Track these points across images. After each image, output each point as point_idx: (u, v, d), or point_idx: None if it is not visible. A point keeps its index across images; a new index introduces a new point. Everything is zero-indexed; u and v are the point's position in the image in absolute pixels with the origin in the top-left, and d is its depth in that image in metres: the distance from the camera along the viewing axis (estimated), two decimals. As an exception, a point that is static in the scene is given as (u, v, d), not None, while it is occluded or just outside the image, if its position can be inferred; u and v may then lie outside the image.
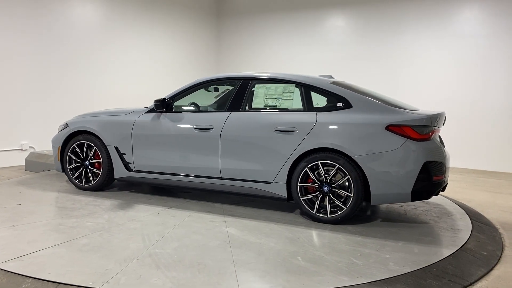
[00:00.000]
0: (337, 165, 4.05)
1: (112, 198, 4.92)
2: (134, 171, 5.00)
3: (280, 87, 4.54)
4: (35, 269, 2.95)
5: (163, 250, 3.35)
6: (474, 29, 7.98)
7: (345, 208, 4.06)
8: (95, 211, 4.41)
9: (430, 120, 4.00)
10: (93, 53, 8.11)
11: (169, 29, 9.69)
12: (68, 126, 5.35)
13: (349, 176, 4.01)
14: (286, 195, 4.32)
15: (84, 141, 5.19)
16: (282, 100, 4.49)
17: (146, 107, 5.10)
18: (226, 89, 5.15)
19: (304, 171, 4.18)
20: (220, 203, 4.84)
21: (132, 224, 4.00)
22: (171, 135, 4.78)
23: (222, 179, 4.59)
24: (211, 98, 5.24)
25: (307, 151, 4.19)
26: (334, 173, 4.10)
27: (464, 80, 8.11)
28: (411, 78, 8.60)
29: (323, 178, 4.14)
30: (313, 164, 4.15)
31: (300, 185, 4.22)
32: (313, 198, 4.20)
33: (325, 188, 4.13)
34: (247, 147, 4.43)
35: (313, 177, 4.16)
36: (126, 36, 8.71)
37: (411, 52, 8.60)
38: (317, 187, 4.17)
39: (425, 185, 3.93)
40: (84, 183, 5.24)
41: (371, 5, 8.97)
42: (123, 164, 5.03)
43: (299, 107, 4.43)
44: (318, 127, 4.17)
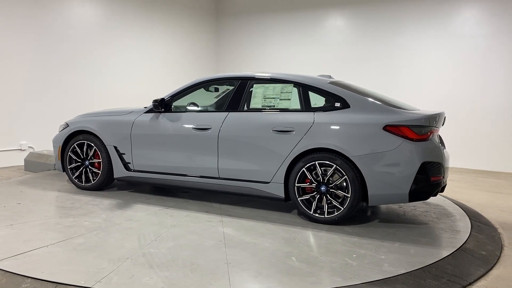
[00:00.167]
0: (334, 165, 4.03)
1: (111, 198, 4.94)
2: (133, 171, 5.01)
3: (278, 87, 4.52)
4: (29, 267, 2.97)
5: (158, 250, 3.36)
6: (474, 29, 7.95)
7: (342, 209, 4.03)
8: (93, 210, 4.43)
9: (429, 120, 3.97)
10: (93, 53, 8.13)
11: (168, 29, 9.70)
12: (68, 126, 5.38)
13: (346, 176, 3.99)
14: (284, 195, 4.31)
15: (84, 141, 5.21)
16: (280, 100, 4.48)
17: (145, 107, 5.11)
18: (227, 89, 5.15)
19: (302, 171, 4.16)
20: (219, 203, 4.84)
21: (129, 224, 4.01)
22: (170, 135, 4.78)
23: (220, 179, 4.58)
24: (211, 98, 5.24)
25: (304, 151, 4.17)
26: (332, 174, 4.08)
27: (464, 80, 8.09)
28: (411, 78, 8.57)
29: (320, 179, 4.12)
30: (310, 164, 4.13)
31: (297, 185, 4.20)
32: (310, 198, 4.18)
33: (322, 189, 4.11)
34: (245, 147, 4.43)
35: (311, 177, 4.15)
36: (125, 36, 8.73)
37: (410, 52, 8.57)
38: (315, 188, 4.15)
39: (423, 185, 3.90)
40: (84, 182, 5.27)
41: (371, 5, 8.95)
42: (122, 164, 5.04)
43: (297, 107, 4.42)
44: (315, 127, 4.15)
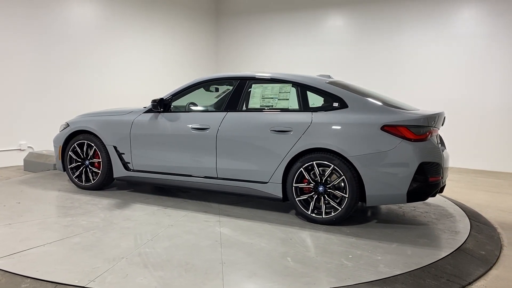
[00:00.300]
0: (332, 165, 4.01)
1: (110, 197, 4.95)
2: (132, 170, 5.03)
3: (277, 87, 4.51)
4: (24, 266, 2.98)
5: (153, 250, 3.36)
6: (473, 29, 7.93)
7: (340, 209, 4.02)
8: (91, 210, 4.44)
9: (427, 120, 3.94)
10: (93, 53, 8.14)
11: (168, 29, 9.71)
12: (69, 125, 5.40)
13: (344, 176, 3.97)
14: (282, 195, 4.30)
15: (84, 140, 5.23)
16: (279, 100, 4.47)
17: (144, 107, 5.12)
18: (227, 89, 5.15)
19: (299, 171, 4.15)
20: (217, 203, 4.84)
21: (126, 223, 4.01)
22: (168, 135, 4.79)
23: (218, 179, 4.58)
24: (210, 98, 5.24)
25: (302, 151, 4.16)
26: (330, 174, 4.06)
27: (463, 80, 8.07)
28: (411, 78, 8.55)
29: (318, 179, 4.10)
30: (308, 164, 4.12)
31: (295, 185, 4.19)
32: (308, 198, 4.17)
33: (320, 189, 4.10)
34: (243, 147, 4.42)
35: (308, 177, 4.13)
36: (125, 36, 8.74)
37: (410, 52, 8.56)
38: (312, 188, 4.13)
39: (421, 186, 3.87)
40: (84, 182, 5.29)
41: (370, 5, 8.93)
42: (122, 164, 5.06)
43: (295, 107, 4.41)
44: (313, 127, 4.14)
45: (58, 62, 7.59)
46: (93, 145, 5.18)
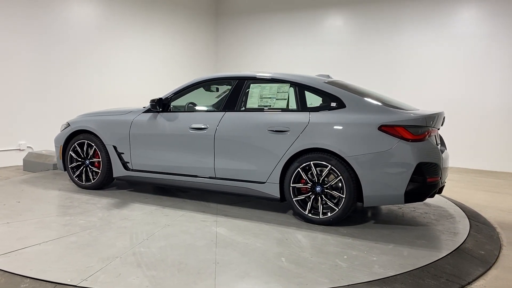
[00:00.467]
0: (329, 165, 3.99)
1: (110, 197, 4.97)
2: (131, 170, 5.04)
3: (275, 86, 4.50)
4: (18, 265, 3.00)
5: (148, 249, 3.36)
6: (473, 29, 7.90)
7: (337, 209, 3.99)
8: (90, 209, 4.46)
9: (425, 120, 3.90)
10: (92, 53, 8.14)
11: (168, 29, 9.72)
12: (69, 125, 5.43)
13: (341, 177, 3.95)
14: (279, 195, 4.28)
15: (85, 140, 5.26)
16: (277, 99, 4.46)
17: (144, 107, 5.14)
18: (228, 89, 5.15)
19: (297, 171, 4.14)
20: (216, 203, 4.83)
21: (123, 223, 4.02)
22: (167, 134, 4.80)
23: (216, 179, 4.58)
24: (209, 97, 5.24)
25: (300, 151, 4.14)
26: (327, 174, 4.04)
27: (463, 80, 8.04)
28: (411, 78, 8.51)
29: (315, 179, 4.09)
30: (305, 164, 4.10)
31: (292, 185, 4.18)
32: (306, 198, 4.15)
33: (317, 189, 4.08)
34: (240, 147, 4.42)
35: (306, 177, 4.12)
36: (124, 36, 8.75)
37: (410, 52, 8.52)
38: (310, 188, 4.12)
39: (419, 186, 3.84)
40: (84, 181, 5.32)
41: (370, 5, 8.90)
42: (121, 163, 5.08)
43: (293, 107, 4.40)
44: (310, 127, 4.12)
45: (58, 62, 7.60)
46: (93, 144, 5.21)
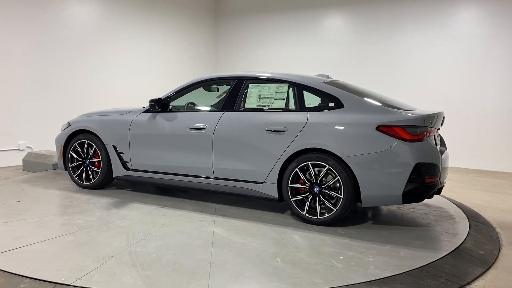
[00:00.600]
0: (327, 165, 3.97)
1: (109, 196, 4.99)
2: (131, 170, 5.05)
3: (273, 86, 4.49)
4: (14, 264, 3.02)
5: (144, 249, 3.37)
6: (473, 29, 7.87)
7: (335, 210, 3.98)
8: (89, 209, 4.48)
9: (423, 120, 3.87)
10: (91, 53, 8.14)
11: (168, 29, 9.72)
12: (70, 125, 5.46)
13: (339, 177, 3.93)
14: (277, 195, 4.27)
15: (85, 140, 5.29)
16: (275, 99, 4.45)
17: (144, 107, 5.15)
18: (228, 89, 5.15)
19: (295, 171, 4.13)
20: (215, 203, 4.83)
21: (121, 222, 4.03)
22: (166, 134, 4.80)
23: (215, 179, 4.58)
24: (208, 97, 5.25)
25: (298, 152, 4.13)
26: (325, 174, 4.03)
27: (463, 80, 8.00)
28: (410, 78, 8.48)
29: (313, 179, 4.07)
30: (303, 164, 4.09)
31: (290, 185, 4.16)
32: (304, 199, 4.14)
33: (315, 189, 4.07)
34: (239, 147, 4.41)
35: (304, 178, 4.10)
36: (124, 36, 8.75)
37: (409, 52, 8.49)
38: (308, 188, 4.10)
39: (417, 187, 3.81)
40: (84, 181, 5.34)
41: (370, 5, 8.87)
42: (121, 163, 5.09)
43: (292, 107, 4.39)
44: (308, 127, 4.11)
45: (58, 62, 7.59)
46: (93, 144, 5.23)
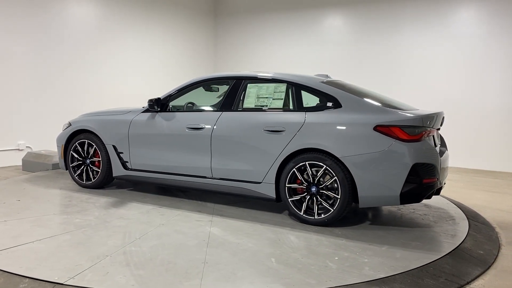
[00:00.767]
0: (324, 166, 3.95)
1: (109, 196, 5.00)
2: (130, 169, 5.07)
3: (271, 86, 4.48)
4: (9, 262, 3.04)
5: (139, 248, 3.37)
6: (472, 29, 7.82)
7: (332, 210, 3.96)
8: (87, 208, 4.50)
9: (421, 120, 3.84)
10: (91, 53, 8.15)
11: (167, 29, 9.72)
12: (71, 125, 5.49)
13: (336, 177, 3.91)
14: (275, 195, 4.26)
15: (85, 139, 5.31)
16: (273, 99, 4.44)
17: (143, 107, 5.16)
18: (227, 88, 5.14)
19: (292, 171, 4.11)
20: (213, 202, 4.83)
21: (118, 222, 4.04)
22: (165, 134, 4.81)
23: (213, 178, 4.58)
24: (208, 97, 5.24)
25: (295, 152, 4.11)
26: (322, 174, 4.01)
27: (463, 80, 7.95)
28: (410, 77, 8.43)
29: (311, 179, 4.05)
30: (301, 164, 4.07)
31: (288, 185, 4.15)
32: (301, 199, 4.12)
33: (313, 189, 4.05)
34: (237, 147, 4.41)
35: (301, 178, 4.09)
36: (123, 35, 8.76)
37: (409, 52, 8.44)
38: (305, 188, 4.09)
39: (414, 187, 3.77)
40: (85, 180, 5.36)
41: (370, 5, 8.83)
42: (121, 163, 5.10)
43: (289, 106, 4.37)
44: (306, 127, 4.09)
45: (57, 62, 7.60)
46: (93, 144, 5.25)
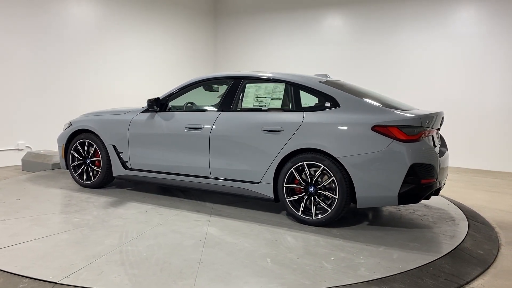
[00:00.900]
0: (322, 166, 3.94)
1: (108, 196, 5.02)
2: (130, 169, 5.08)
3: (270, 86, 4.47)
4: (5, 261, 3.06)
5: (135, 248, 3.38)
6: (472, 29, 7.79)
7: (330, 210, 3.94)
8: (87, 207, 4.51)
9: (420, 120, 3.81)
10: (91, 53, 8.16)
11: (167, 28, 9.73)
12: (71, 125, 5.51)
13: (334, 177, 3.89)
14: (273, 195, 4.25)
15: (85, 139, 5.33)
16: (272, 99, 4.43)
17: (143, 107, 5.17)
18: (226, 88, 5.14)
19: (290, 171, 4.10)
20: (212, 202, 4.83)
21: (116, 221, 4.05)
22: (164, 134, 4.82)
23: (212, 178, 4.58)
24: (208, 97, 5.25)
25: (293, 152, 4.10)
26: (320, 175, 3.99)
27: (463, 80, 7.91)
28: (410, 77, 8.40)
29: (309, 179, 4.04)
30: (299, 164, 4.06)
31: (286, 185, 4.14)
32: (299, 199, 4.11)
33: (310, 190, 4.03)
34: (235, 146, 4.40)
35: (299, 178, 4.07)
36: (123, 35, 8.77)
37: (409, 52, 8.41)
38: (303, 188, 4.07)
39: (413, 188, 3.74)
40: (85, 180, 5.38)
41: (369, 5, 8.80)
42: (120, 163, 5.12)
43: (288, 106, 4.36)
44: (304, 127, 4.08)
45: (57, 62, 7.61)
46: (93, 144, 5.27)
